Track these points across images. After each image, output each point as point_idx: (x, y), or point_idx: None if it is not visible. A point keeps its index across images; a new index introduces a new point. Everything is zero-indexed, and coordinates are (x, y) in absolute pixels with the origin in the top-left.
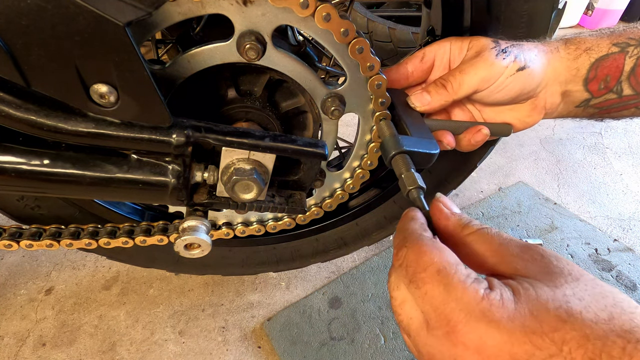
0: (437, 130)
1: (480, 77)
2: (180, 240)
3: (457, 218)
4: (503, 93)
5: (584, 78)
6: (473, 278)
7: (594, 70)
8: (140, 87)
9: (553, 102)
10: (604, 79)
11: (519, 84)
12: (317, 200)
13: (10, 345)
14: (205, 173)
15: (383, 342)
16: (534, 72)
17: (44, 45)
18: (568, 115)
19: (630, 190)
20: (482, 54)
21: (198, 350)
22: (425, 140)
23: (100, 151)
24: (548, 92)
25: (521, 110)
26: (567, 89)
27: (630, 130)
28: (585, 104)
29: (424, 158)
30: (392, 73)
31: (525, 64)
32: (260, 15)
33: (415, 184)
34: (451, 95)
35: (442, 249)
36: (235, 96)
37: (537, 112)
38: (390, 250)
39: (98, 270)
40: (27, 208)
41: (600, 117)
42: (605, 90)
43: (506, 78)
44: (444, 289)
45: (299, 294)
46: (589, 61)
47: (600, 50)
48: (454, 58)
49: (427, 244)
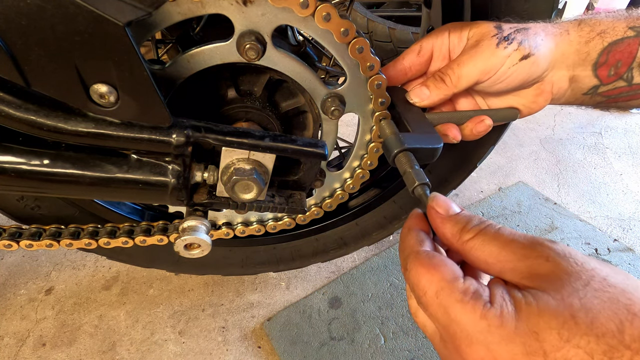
0: (441, 124)
1: (479, 69)
2: (180, 240)
3: (452, 224)
4: (506, 83)
5: (593, 62)
6: (471, 293)
7: (605, 55)
8: (140, 87)
9: (560, 87)
10: (615, 65)
11: (523, 73)
12: (317, 200)
13: (10, 345)
14: (205, 173)
15: (383, 342)
16: (539, 58)
17: (44, 45)
18: (575, 102)
19: (630, 190)
20: (482, 43)
21: (198, 350)
22: (427, 135)
23: (100, 151)
24: (555, 76)
25: (527, 96)
26: (575, 73)
27: (630, 130)
28: (593, 92)
29: (427, 153)
30: (390, 70)
31: (529, 51)
32: (260, 15)
33: (420, 180)
34: (450, 89)
35: (437, 265)
36: (235, 96)
37: (544, 97)
38: (390, 250)
39: (98, 270)
40: (27, 208)
41: (607, 107)
42: (615, 77)
43: (508, 68)
44: (444, 311)
45: (299, 294)
46: (602, 45)
47: (616, 34)
48: (454, 47)
49: (423, 263)
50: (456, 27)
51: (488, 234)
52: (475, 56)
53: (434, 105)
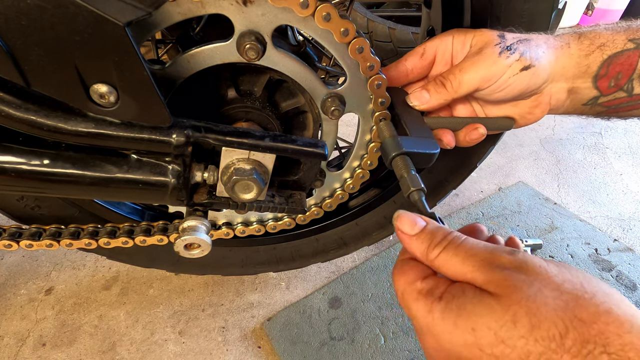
0: (437, 129)
1: (481, 76)
2: (180, 240)
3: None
4: (505, 92)
5: (594, 75)
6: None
7: (606, 68)
8: (140, 87)
9: (558, 99)
10: (615, 77)
11: (522, 83)
12: (317, 200)
13: (10, 345)
14: (205, 173)
15: (383, 342)
16: (540, 70)
17: (44, 45)
18: (574, 112)
19: (630, 190)
20: (485, 51)
21: (198, 350)
22: (425, 140)
23: (100, 151)
24: (554, 88)
25: (524, 107)
26: (575, 85)
27: (630, 130)
28: (593, 102)
29: (424, 158)
30: (391, 71)
31: (530, 62)
32: (260, 15)
33: (415, 186)
34: (451, 94)
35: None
36: (235, 96)
37: (541, 108)
38: (390, 251)
39: (98, 270)
40: (27, 208)
41: (607, 116)
42: (615, 89)
43: (509, 77)
44: (408, 309)
45: (299, 294)
46: (602, 58)
47: (615, 47)
48: (457, 53)
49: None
50: (460, 33)
51: (450, 250)
52: (477, 63)
53: (433, 109)
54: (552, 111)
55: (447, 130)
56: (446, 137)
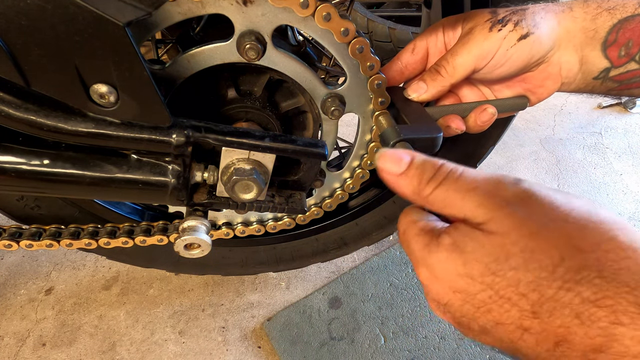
0: (443, 117)
1: (474, 56)
2: (180, 240)
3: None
4: (507, 66)
5: (602, 41)
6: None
7: (615, 33)
8: (140, 87)
9: (570, 69)
10: (626, 45)
11: (524, 54)
12: (317, 200)
13: (10, 345)
14: (205, 173)
15: (383, 342)
16: (541, 37)
17: (44, 45)
18: (585, 89)
19: (630, 190)
20: (474, 29)
21: (198, 350)
22: (425, 125)
23: (100, 151)
24: (563, 56)
25: (534, 81)
26: (584, 54)
27: (630, 130)
28: (605, 75)
29: (426, 143)
30: (387, 70)
31: (528, 30)
32: (260, 15)
33: None
34: (447, 80)
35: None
36: (235, 96)
37: (552, 80)
38: (390, 250)
39: (98, 270)
40: (27, 208)
41: (619, 93)
42: (626, 58)
43: (506, 50)
44: (407, 245)
45: (299, 294)
46: (611, 22)
47: (626, 10)
48: (449, 41)
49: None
50: (450, 20)
51: (448, 185)
52: (468, 43)
53: (433, 98)
54: (564, 86)
55: (454, 116)
56: (454, 122)
